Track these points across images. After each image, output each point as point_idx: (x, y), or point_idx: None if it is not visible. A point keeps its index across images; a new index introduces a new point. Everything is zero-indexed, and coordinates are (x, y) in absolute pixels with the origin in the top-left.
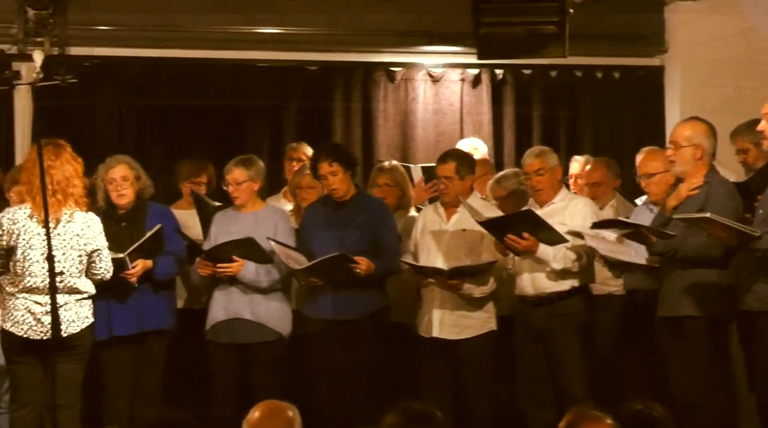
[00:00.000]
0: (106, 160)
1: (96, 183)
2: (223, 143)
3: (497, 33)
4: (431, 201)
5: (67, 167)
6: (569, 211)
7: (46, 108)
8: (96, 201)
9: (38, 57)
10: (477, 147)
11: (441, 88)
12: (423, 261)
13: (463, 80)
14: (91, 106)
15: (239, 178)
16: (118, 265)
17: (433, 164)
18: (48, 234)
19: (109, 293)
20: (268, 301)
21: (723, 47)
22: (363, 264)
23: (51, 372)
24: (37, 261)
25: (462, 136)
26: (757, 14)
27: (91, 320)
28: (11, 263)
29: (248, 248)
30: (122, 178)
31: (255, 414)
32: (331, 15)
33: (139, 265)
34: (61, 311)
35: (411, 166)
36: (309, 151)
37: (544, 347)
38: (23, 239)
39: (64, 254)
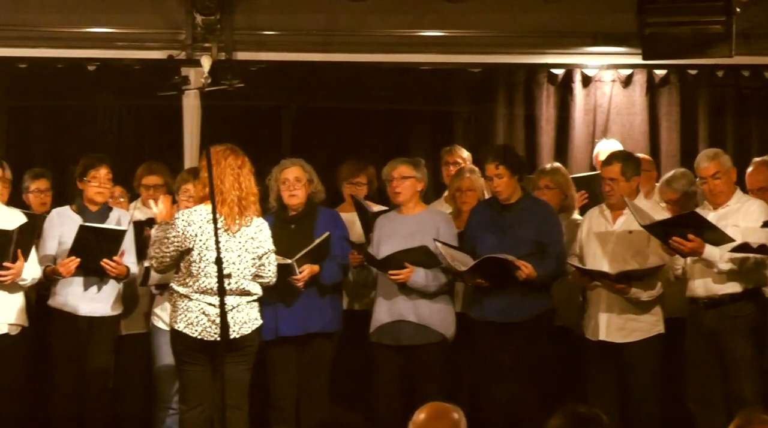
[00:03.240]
0: (281, 161)
1: (269, 184)
2: (386, 147)
3: (662, 33)
4: (582, 210)
5: (250, 175)
6: (742, 213)
7: (213, 111)
8: (267, 202)
9: (206, 62)
10: (611, 150)
11: (602, 88)
12: (589, 265)
13: (622, 81)
14: (257, 108)
15: (405, 172)
16: (286, 270)
17: (584, 174)
18: (216, 236)
19: (276, 295)
20: (432, 303)
21: None
22: (526, 270)
23: (220, 373)
24: (213, 263)
25: (621, 138)
26: None
27: (260, 322)
28: (185, 264)
29: (418, 255)
30: (295, 179)
31: (420, 415)
32: (495, 17)
33: (306, 270)
34: (233, 313)
35: None
36: (464, 153)
37: (715, 349)
38: (200, 240)
39: (239, 256)
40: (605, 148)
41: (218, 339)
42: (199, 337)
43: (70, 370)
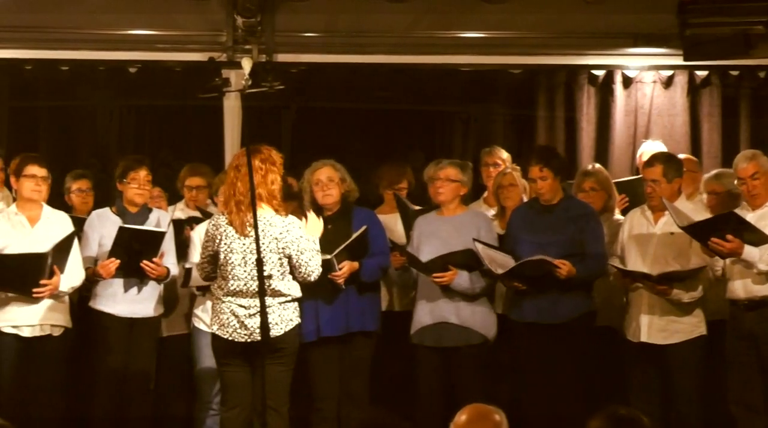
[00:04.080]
0: (312, 163)
1: (302, 186)
2: (425, 147)
3: (704, 34)
4: (623, 213)
5: (257, 175)
6: None
7: (254, 112)
8: (303, 205)
9: (246, 64)
10: (655, 151)
11: (643, 89)
12: (630, 266)
13: (663, 82)
14: (297, 109)
15: (451, 175)
16: (325, 267)
17: (625, 179)
18: (257, 238)
19: (316, 294)
20: (474, 305)
21: None
22: (564, 267)
23: (258, 375)
24: (239, 265)
25: (662, 139)
26: None
27: (296, 322)
28: (218, 268)
29: (462, 258)
30: (328, 179)
31: (462, 417)
32: (535, 17)
33: (346, 267)
34: None
35: None
36: (504, 154)
37: (756, 351)
38: (224, 244)
39: (264, 257)
40: (649, 149)
41: (248, 340)
42: (230, 338)
43: (111, 371)
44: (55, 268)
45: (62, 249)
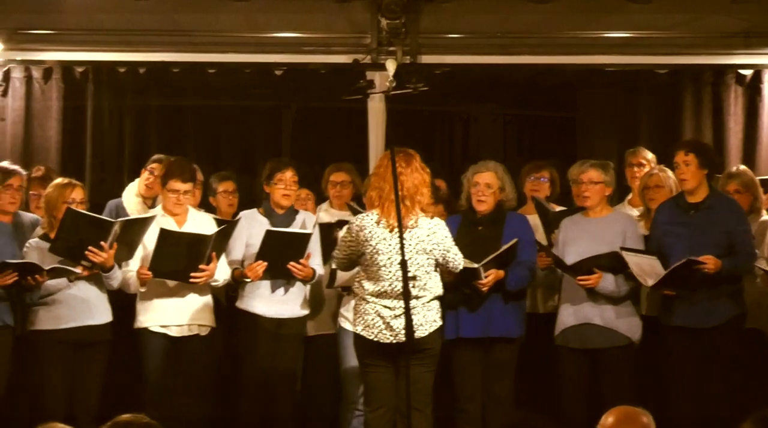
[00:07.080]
0: (478, 162)
1: (463, 182)
2: (566, 150)
3: None
4: None
5: (416, 175)
6: None
7: (398, 114)
8: (460, 199)
9: (391, 66)
10: None
11: None
12: None
13: None
14: (439, 112)
15: (595, 178)
16: (472, 274)
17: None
18: (401, 239)
19: (459, 297)
20: (618, 307)
21: None
22: (710, 262)
23: (403, 376)
24: (385, 266)
25: None
26: None
27: (439, 323)
28: (362, 267)
29: (607, 260)
30: (486, 186)
31: (609, 419)
32: (681, 17)
33: (492, 276)
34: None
35: None
36: (648, 155)
37: None
38: (371, 244)
39: (410, 258)
40: None
41: (394, 341)
42: (375, 340)
43: (258, 371)
44: (213, 255)
45: (222, 238)
